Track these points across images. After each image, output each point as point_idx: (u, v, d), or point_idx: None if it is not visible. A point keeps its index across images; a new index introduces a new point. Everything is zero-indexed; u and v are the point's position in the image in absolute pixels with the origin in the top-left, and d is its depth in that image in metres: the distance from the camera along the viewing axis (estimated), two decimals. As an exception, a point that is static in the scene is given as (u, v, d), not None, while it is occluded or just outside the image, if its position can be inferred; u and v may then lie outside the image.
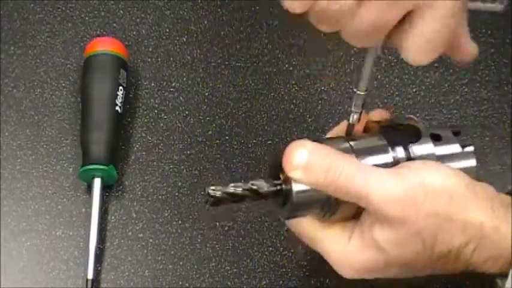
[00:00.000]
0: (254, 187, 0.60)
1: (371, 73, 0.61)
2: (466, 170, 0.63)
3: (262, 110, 0.82)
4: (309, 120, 0.82)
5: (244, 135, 0.81)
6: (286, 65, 0.84)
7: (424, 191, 0.59)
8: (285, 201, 0.61)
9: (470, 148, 0.65)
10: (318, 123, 0.81)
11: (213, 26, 0.86)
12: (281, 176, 0.61)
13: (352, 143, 0.62)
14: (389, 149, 0.63)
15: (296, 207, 0.60)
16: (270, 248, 0.76)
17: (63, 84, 0.82)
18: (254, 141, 0.81)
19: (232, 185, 0.60)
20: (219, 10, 0.87)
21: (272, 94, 0.83)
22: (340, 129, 0.66)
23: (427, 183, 0.59)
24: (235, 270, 0.75)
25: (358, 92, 0.62)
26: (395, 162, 0.62)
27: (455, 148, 0.65)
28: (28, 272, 0.74)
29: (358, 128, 0.65)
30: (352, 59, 0.85)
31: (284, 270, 0.75)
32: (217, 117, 0.82)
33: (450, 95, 0.83)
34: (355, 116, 0.63)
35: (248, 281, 0.75)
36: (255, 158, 0.80)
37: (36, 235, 0.76)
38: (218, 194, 0.60)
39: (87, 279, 0.73)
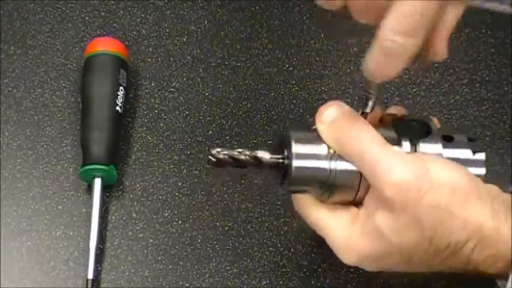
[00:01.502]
0: (257, 156, 0.63)
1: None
2: None
3: (262, 110, 0.82)
4: (309, 120, 0.81)
5: (244, 135, 0.81)
6: (286, 65, 0.84)
7: (429, 181, 0.60)
8: (284, 175, 0.63)
9: (482, 155, 0.65)
10: (318, 123, 0.81)
11: (213, 26, 0.86)
12: (285, 151, 0.63)
13: None
14: (397, 142, 0.63)
15: (294, 181, 0.63)
16: (270, 248, 0.76)
17: (63, 84, 0.82)
18: (254, 141, 0.81)
19: (238, 150, 0.63)
20: (219, 10, 0.87)
21: (272, 94, 0.83)
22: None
23: (432, 174, 0.60)
24: (235, 270, 0.75)
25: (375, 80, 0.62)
26: None
27: (465, 153, 0.65)
28: (28, 272, 0.74)
29: (372, 120, 0.65)
30: (352, 58, 0.85)
31: (284, 270, 0.75)
32: (217, 117, 0.82)
33: (450, 95, 0.83)
34: (369, 105, 0.63)
35: (248, 281, 0.75)
36: (255, 158, 0.79)
37: (36, 235, 0.76)
38: (221, 156, 0.62)
39: (87, 279, 0.73)
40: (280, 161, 0.63)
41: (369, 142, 0.61)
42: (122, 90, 0.79)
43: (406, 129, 0.64)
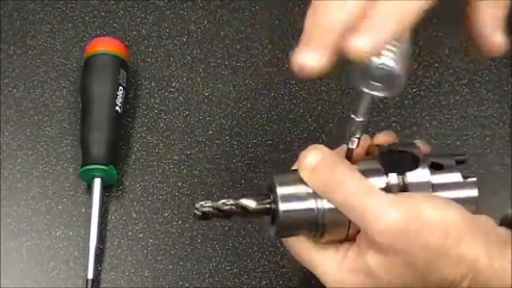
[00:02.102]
0: (243, 204, 0.62)
1: (371, 98, 0.60)
2: (466, 201, 0.63)
3: (262, 110, 0.82)
4: (309, 120, 0.82)
5: (244, 135, 0.81)
6: (286, 65, 0.84)
7: (420, 224, 0.59)
8: (273, 220, 0.62)
9: (473, 179, 0.64)
10: (318, 123, 0.81)
11: (213, 26, 0.86)
12: (271, 195, 0.62)
13: None
14: (384, 174, 0.62)
15: (283, 226, 0.61)
16: (270, 248, 0.76)
17: (63, 84, 0.82)
18: (254, 141, 0.81)
19: (222, 201, 0.61)
20: (219, 10, 0.87)
21: (272, 94, 0.83)
22: (339, 151, 0.66)
23: (423, 216, 0.59)
24: (235, 270, 0.75)
25: (357, 118, 0.61)
26: (388, 188, 0.62)
27: (456, 177, 0.64)
28: (28, 272, 0.74)
29: (359, 150, 0.64)
30: (352, 59, 0.85)
31: (284, 270, 0.75)
32: (217, 117, 0.82)
33: (450, 95, 0.83)
34: (355, 142, 0.62)
35: (248, 281, 0.75)
36: (255, 158, 0.80)
37: (36, 235, 0.76)
38: (208, 209, 0.61)
39: (87, 279, 0.73)
40: (267, 206, 0.62)
41: (354, 188, 0.60)
42: (121, 90, 0.79)
43: (393, 160, 0.63)
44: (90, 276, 0.73)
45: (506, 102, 0.83)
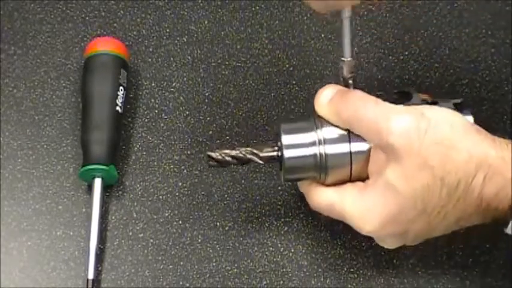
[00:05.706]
0: (254, 151, 0.68)
1: (352, 36, 0.67)
2: None
3: (262, 110, 0.82)
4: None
5: (244, 135, 0.81)
6: (286, 65, 0.84)
7: (427, 121, 0.63)
8: (281, 165, 0.68)
9: (469, 118, 0.67)
10: (318, 123, 0.81)
11: (213, 26, 0.86)
12: (279, 143, 0.68)
13: None
14: None
15: (289, 170, 0.68)
16: (270, 248, 0.76)
17: (64, 84, 0.82)
18: (254, 141, 0.80)
19: (237, 148, 0.68)
20: (219, 10, 0.87)
21: (272, 94, 0.83)
22: None
23: (428, 114, 0.64)
24: (235, 270, 0.75)
25: (345, 59, 0.68)
26: None
27: (447, 106, 0.67)
28: (28, 272, 0.74)
29: None
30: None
31: (284, 270, 0.75)
32: (217, 117, 0.82)
33: (450, 95, 0.83)
34: (351, 83, 0.68)
35: (248, 281, 0.75)
36: (255, 158, 0.80)
37: (36, 235, 0.76)
38: (220, 156, 0.68)
39: (87, 279, 0.73)
40: (275, 153, 0.68)
41: (364, 104, 0.65)
42: (122, 90, 0.79)
43: (389, 98, 0.67)
44: (90, 276, 0.73)
45: (506, 102, 0.83)
